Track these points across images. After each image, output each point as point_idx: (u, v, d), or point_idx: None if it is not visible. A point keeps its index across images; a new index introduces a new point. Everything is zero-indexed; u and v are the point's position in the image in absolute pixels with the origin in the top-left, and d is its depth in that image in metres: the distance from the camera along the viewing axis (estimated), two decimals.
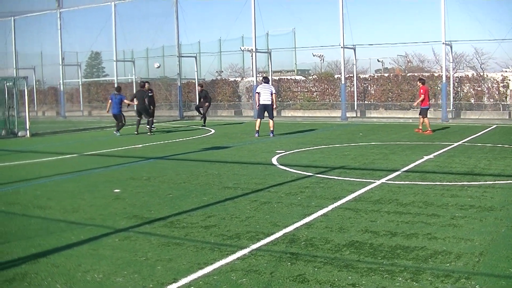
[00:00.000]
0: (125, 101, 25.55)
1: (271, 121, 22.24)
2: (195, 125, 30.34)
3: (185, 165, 15.11)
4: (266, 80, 23.09)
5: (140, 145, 19.95)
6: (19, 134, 26.36)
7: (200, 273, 6.28)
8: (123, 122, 25.35)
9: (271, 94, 22.03)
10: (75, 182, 12.74)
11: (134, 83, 42.45)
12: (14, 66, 44.93)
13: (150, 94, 25.35)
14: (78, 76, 47.68)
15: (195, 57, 41.35)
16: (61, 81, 42.90)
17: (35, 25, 47.64)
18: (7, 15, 44.23)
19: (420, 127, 23.17)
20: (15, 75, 37.43)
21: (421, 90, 23.47)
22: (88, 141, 23.10)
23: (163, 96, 41.59)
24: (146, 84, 25.34)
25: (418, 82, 25.25)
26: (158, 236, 7.87)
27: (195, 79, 39.54)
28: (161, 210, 9.51)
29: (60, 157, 17.86)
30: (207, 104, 28.79)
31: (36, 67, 49.46)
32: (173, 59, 39.78)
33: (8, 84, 27.31)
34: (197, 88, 32.27)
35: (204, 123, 28.83)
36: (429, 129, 22.69)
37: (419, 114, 23.55)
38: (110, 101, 25.47)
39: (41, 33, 50.67)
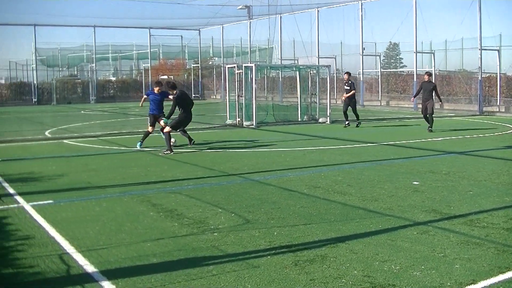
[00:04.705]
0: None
1: None
2: (495, 122, 28.93)
3: (486, 162, 14.49)
4: None
5: (440, 138, 19.58)
6: (320, 120, 27.39)
7: (501, 277, 6.01)
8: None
9: None
10: (375, 171, 12.94)
11: (433, 75, 41.78)
12: (317, 55, 46.60)
13: None
14: (376, 66, 48.09)
15: (498, 50, 39.47)
16: (360, 71, 43.64)
17: (337, 16, 48.97)
18: (312, 6, 46.09)
19: None
20: (317, 64, 38.85)
21: None
22: (387, 130, 23.23)
23: (462, 89, 40.36)
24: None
25: None
26: (457, 233, 7.67)
27: (496, 73, 37.76)
28: (461, 206, 9.25)
29: (361, 145, 18.25)
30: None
31: (337, 57, 50.91)
32: (473, 52, 38.36)
33: (312, 72, 28.52)
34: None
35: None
36: None
37: None
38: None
39: (343, 24, 52.11)
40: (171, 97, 17.20)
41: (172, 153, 16.20)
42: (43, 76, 57.59)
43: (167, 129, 16.64)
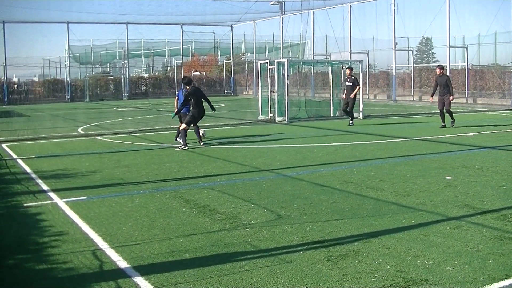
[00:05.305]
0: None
1: None
2: None
3: None
4: None
5: (472, 133, 19.38)
6: None
7: None
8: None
9: None
10: (407, 166, 12.84)
11: (466, 70, 41.36)
12: (349, 50, 46.43)
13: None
14: (409, 61, 47.75)
15: None
16: (392, 66, 43.37)
17: (370, 11, 48.70)
18: (345, 1, 45.93)
19: None
20: (350, 59, 38.69)
21: None
22: (419, 126, 23.03)
23: (495, 84, 39.91)
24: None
25: None
26: (490, 228, 7.60)
27: None
28: (494, 201, 9.16)
29: (393, 140, 18.12)
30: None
31: (369, 52, 50.69)
32: (506, 46, 37.97)
33: (344, 67, 28.37)
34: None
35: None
36: None
37: None
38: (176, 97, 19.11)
39: (375, 19, 51.83)
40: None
41: (186, 147, 16.41)
42: (76, 73, 58.38)
43: (182, 126, 16.93)
